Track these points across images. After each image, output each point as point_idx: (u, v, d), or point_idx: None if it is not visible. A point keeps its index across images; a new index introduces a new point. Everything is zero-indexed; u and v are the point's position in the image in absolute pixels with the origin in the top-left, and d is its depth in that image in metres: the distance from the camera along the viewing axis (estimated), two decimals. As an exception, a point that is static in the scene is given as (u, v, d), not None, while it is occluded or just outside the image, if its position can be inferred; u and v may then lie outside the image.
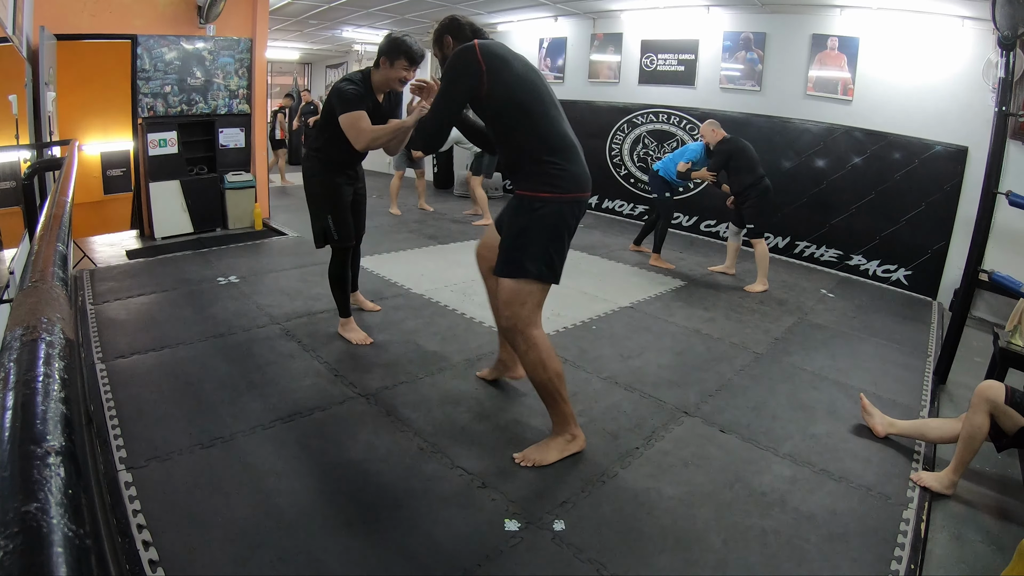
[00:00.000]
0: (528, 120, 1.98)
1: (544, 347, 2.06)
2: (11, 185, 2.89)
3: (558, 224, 1.98)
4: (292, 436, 2.28)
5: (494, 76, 1.94)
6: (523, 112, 1.98)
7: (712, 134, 4.64)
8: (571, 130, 2.07)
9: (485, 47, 1.97)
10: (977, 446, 2.12)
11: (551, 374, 2.08)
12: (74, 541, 0.34)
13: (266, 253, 4.86)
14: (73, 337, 0.58)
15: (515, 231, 2.01)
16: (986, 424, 2.09)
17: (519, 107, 1.97)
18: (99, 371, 2.68)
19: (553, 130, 1.99)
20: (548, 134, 1.99)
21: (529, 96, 1.98)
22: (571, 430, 2.20)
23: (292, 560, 1.68)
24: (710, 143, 4.69)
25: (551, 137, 1.98)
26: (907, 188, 4.96)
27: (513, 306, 2.02)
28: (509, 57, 2.01)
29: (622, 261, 5.18)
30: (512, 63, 1.99)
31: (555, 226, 1.98)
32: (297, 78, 12.07)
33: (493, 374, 2.80)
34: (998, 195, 3.01)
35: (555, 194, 1.96)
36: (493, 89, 1.95)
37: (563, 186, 1.96)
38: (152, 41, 4.78)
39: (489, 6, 6.85)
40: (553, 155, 1.97)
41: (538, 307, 2.06)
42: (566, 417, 2.18)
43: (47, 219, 1.15)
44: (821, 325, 3.97)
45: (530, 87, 1.99)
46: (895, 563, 1.83)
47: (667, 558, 1.79)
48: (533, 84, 2.00)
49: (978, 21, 4.41)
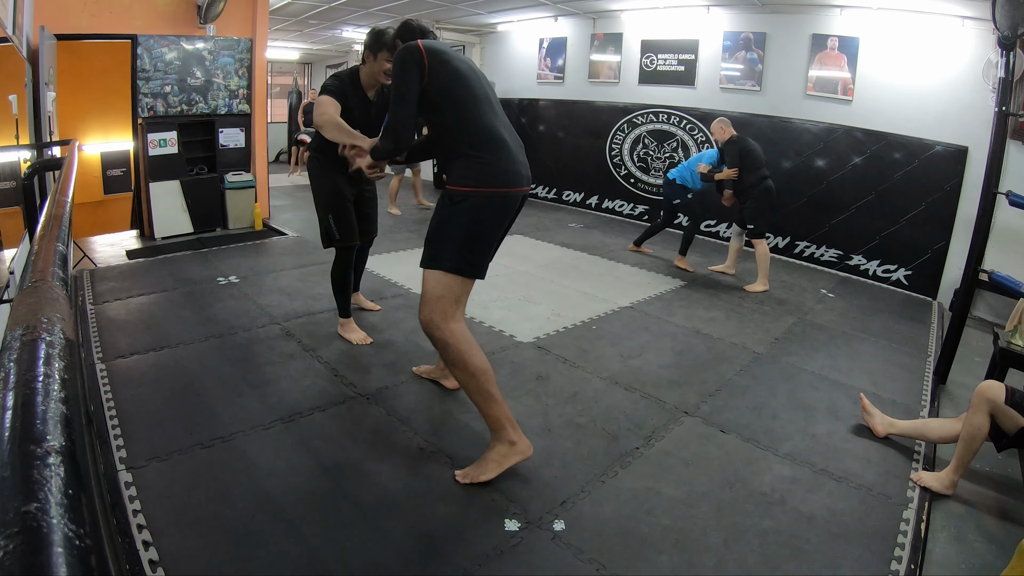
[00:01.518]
0: (458, 113, 2.01)
1: (463, 341, 1.98)
2: (11, 185, 2.88)
3: (477, 218, 1.96)
4: (292, 436, 2.28)
5: (434, 69, 1.99)
6: (455, 105, 2.01)
7: (721, 132, 4.65)
8: (505, 127, 2.08)
9: (428, 43, 2.05)
10: (977, 446, 2.12)
11: (472, 370, 1.97)
12: (74, 541, 0.33)
13: (266, 253, 4.86)
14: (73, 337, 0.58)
15: (434, 223, 2.02)
16: (986, 424, 2.09)
17: (453, 101, 2.01)
18: (99, 371, 2.68)
19: (481, 124, 2.01)
20: (476, 127, 2.00)
21: (463, 91, 2.02)
22: (508, 436, 2.03)
23: (292, 560, 1.69)
24: (719, 140, 4.70)
25: (478, 130, 2.00)
26: (907, 188, 4.95)
27: (430, 299, 1.98)
28: (450, 54, 2.07)
29: (622, 261, 5.18)
30: (452, 59, 2.05)
31: (474, 220, 1.95)
32: (297, 78, 12.07)
33: (431, 374, 2.79)
34: (998, 195, 3.01)
35: (475, 188, 1.95)
36: (432, 81, 1.99)
37: (484, 180, 1.95)
38: (152, 41, 4.78)
39: (489, 6, 6.85)
40: (478, 149, 1.98)
41: (457, 301, 1.99)
42: (499, 420, 2.01)
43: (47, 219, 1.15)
44: (821, 325, 3.97)
45: (466, 83, 2.03)
46: (895, 563, 1.83)
47: (667, 558, 1.79)
48: (468, 81, 2.05)
49: (978, 21, 4.41)
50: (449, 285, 1.97)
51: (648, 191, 6.89)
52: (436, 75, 2.00)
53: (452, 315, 1.98)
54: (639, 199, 7.00)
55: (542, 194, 7.96)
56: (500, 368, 2.97)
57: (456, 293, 1.99)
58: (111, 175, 6.11)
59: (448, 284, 1.97)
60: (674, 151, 6.57)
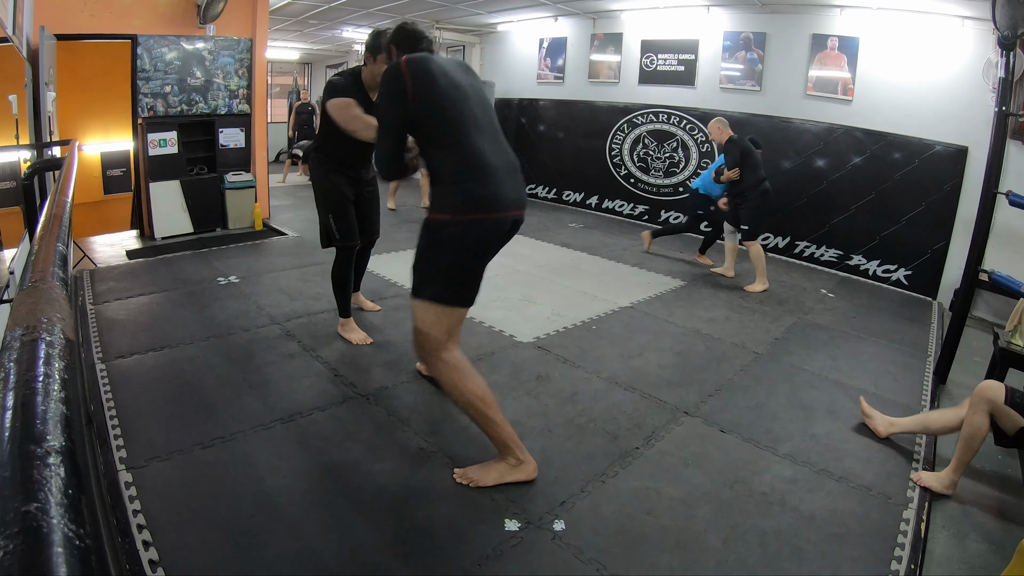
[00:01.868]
0: (439, 136, 1.93)
1: (458, 370, 1.96)
2: (11, 185, 2.88)
3: (458, 247, 1.90)
4: (292, 436, 2.28)
5: (417, 90, 1.91)
6: (436, 128, 1.93)
7: (719, 132, 4.64)
8: (493, 147, 1.96)
9: (411, 61, 1.95)
10: (977, 446, 2.12)
11: (470, 397, 1.95)
12: (74, 541, 0.34)
13: (266, 253, 4.86)
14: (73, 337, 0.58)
15: (417, 253, 1.97)
16: (986, 424, 2.09)
17: (435, 124, 1.93)
18: (99, 371, 2.68)
19: (464, 147, 1.91)
20: (457, 151, 1.91)
21: (446, 113, 1.92)
22: (515, 455, 2.05)
23: (292, 560, 1.69)
24: (716, 141, 4.71)
25: (460, 155, 1.91)
26: (907, 188, 4.95)
27: (419, 330, 1.95)
28: (434, 71, 1.94)
29: (622, 261, 5.18)
30: (436, 78, 1.93)
31: (454, 249, 1.90)
32: (297, 78, 12.07)
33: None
34: (998, 195, 3.00)
35: (452, 216, 1.89)
36: (416, 102, 1.91)
37: (463, 208, 1.88)
38: (152, 41, 4.78)
39: (489, 6, 6.85)
40: (459, 175, 1.90)
41: (447, 331, 1.94)
42: (504, 442, 2.03)
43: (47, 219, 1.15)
44: (821, 325, 3.97)
45: (449, 103, 1.93)
46: (895, 563, 1.83)
47: (667, 558, 1.79)
48: (452, 100, 1.93)
49: (978, 21, 4.41)
50: (436, 314, 1.92)
51: (648, 191, 6.89)
52: (419, 95, 1.91)
53: (443, 345, 1.94)
54: (639, 199, 6.99)
55: (542, 194, 7.96)
56: (500, 368, 2.97)
57: (446, 323, 1.94)
58: (111, 175, 6.12)
59: (435, 313, 1.92)
60: (674, 151, 6.57)
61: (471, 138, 1.93)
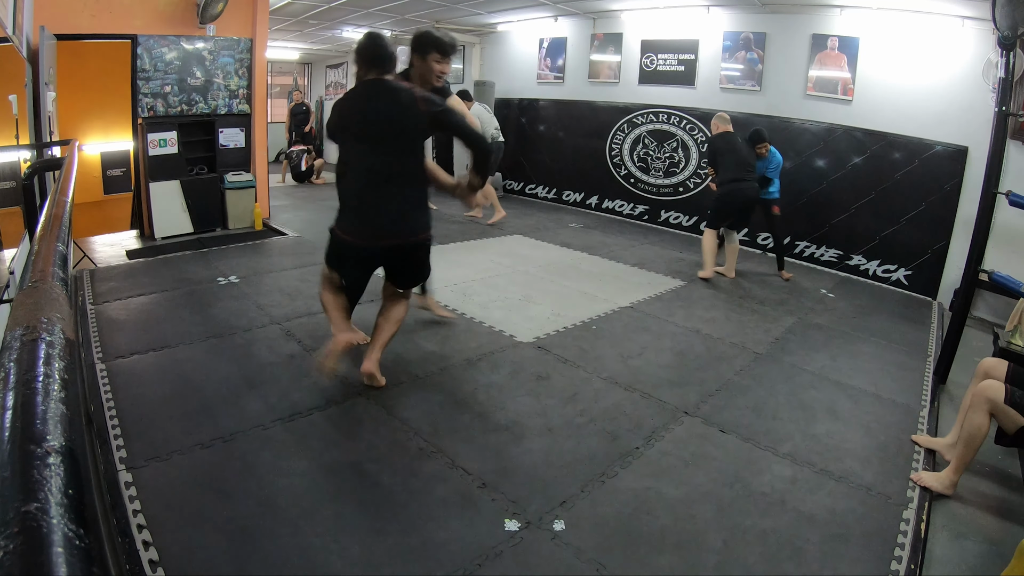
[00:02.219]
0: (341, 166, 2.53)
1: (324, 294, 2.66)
2: (11, 185, 2.88)
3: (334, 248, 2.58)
4: (292, 436, 2.28)
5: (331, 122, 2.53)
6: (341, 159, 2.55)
7: (714, 128, 4.72)
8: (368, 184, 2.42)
9: (342, 96, 2.49)
10: (977, 446, 2.12)
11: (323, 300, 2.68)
12: (74, 541, 0.34)
13: (266, 253, 4.86)
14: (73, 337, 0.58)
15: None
16: (986, 424, 2.09)
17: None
18: (99, 371, 2.68)
19: (343, 185, 2.53)
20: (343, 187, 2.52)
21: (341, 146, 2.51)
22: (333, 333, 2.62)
23: (292, 560, 1.69)
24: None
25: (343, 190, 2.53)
26: (907, 188, 4.95)
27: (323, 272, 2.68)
28: (342, 106, 2.47)
29: (622, 261, 5.18)
30: (338, 114, 2.48)
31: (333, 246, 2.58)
32: (297, 78, 12.07)
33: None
34: (998, 195, 3.00)
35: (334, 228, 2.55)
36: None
37: (337, 226, 2.53)
38: (152, 41, 4.78)
39: (489, 6, 6.84)
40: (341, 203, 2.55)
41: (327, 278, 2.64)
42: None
43: (47, 219, 1.15)
44: (821, 325, 3.97)
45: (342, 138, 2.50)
46: (895, 563, 1.83)
47: (667, 558, 1.79)
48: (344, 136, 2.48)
49: (978, 21, 4.41)
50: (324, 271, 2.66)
51: (648, 191, 6.89)
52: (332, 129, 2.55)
53: (323, 285, 2.66)
54: (639, 199, 6.99)
55: (542, 194, 7.97)
56: (500, 368, 2.97)
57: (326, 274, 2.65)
58: (111, 175, 6.11)
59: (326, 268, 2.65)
60: (674, 151, 6.57)
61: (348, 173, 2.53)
